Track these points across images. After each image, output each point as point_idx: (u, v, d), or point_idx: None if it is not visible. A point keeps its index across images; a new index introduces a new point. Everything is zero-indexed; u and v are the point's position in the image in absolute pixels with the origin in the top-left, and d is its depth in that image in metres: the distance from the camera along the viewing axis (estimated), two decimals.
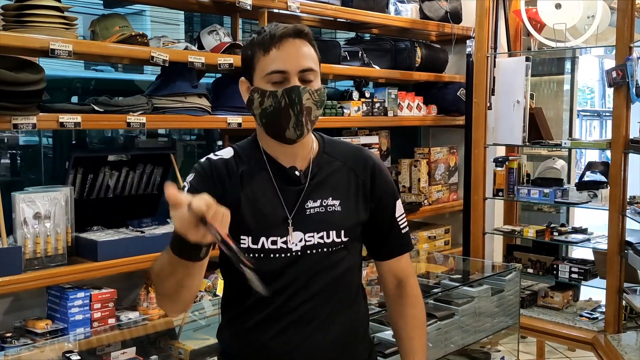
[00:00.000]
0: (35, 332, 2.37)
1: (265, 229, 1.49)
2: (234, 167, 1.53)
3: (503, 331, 2.85)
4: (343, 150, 1.62)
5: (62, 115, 2.34)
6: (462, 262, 3.56)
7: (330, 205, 1.52)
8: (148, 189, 2.93)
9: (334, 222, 1.52)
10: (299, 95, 1.43)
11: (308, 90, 1.44)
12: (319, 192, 1.53)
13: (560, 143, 3.61)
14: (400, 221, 1.63)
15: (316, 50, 1.50)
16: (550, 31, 3.53)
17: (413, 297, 1.66)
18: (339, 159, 1.58)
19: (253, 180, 1.52)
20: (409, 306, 1.65)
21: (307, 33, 1.47)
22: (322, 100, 1.48)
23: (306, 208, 1.51)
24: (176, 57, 2.65)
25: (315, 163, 1.55)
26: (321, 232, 1.50)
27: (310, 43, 1.48)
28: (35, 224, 2.39)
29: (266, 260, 1.48)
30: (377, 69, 3.66)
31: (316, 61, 1.49)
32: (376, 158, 1.64)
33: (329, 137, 1.64)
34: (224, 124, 2.87)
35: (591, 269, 3.45)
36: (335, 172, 1.57)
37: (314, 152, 1.56)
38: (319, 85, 1.48)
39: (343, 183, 1.56)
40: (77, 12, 2.47)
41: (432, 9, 3.96)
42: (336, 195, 1.54)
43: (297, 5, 3.10)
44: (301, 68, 1.44)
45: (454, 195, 4.22)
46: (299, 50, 1.44)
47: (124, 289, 2.79)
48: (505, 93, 3.63)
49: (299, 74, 1.44)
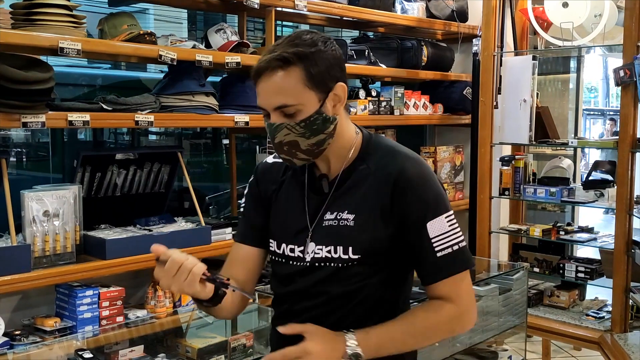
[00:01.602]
0: (44, 330, 2.38)
1: (287, 237, 1.52)
2: (280, 172, 1.57)
3: (510, 330, 2.85)
4: (380, 154, 1.48)
5: (71, 114, 2.35)
6: None
7: (343, 219, 1.46)
8: (155, 188, 2.93)
9: (344, 237, 1.45)
10: (273, 134, 1.40)
11: (286, 125, 1.38)
12: (338, 204, 1.47)
13: (567, 142, 3.61)
14: (437, 244, 1.42)
15: (309, 72, 1.36)
16: (557, 30, 3.52)
17: (446, 308, 1.44)
18: (370, 166, 1.47)
19: (290, 187, 1.55)
20: (432, 306, 1.46)
21: (284, 62, 1.34)
22: (312, 129, 1.39)
23: (324, 220, 1.48)
24: (184, 56, 2.66)
25: (345, 171, 1.48)
26: (329, 246, 1.45)
27: (292, 69, 1.35)
28: (44, 222, 2.39)
29: (284, 265, 1.53)
30: (384, 68, 3.66)
31: (297, 90, 1.36)
32: (409, 168, 1.44)
33: (376, 137, 1.53)
34: (232, 122, 2.87)
35: (598, 268, 3.45)
36: (360, 182, 1.47)
37: (351, 158, 1.49)
38: (307, 114, 1.37)
39: (364, 195, 1.45)
40: (83, 11, 2.47)
41: (438, 8, 3.96)
42: (352, 208, 1.46)
43: (304, 4, 3.10)
44: (273, 106, 1.38)
45: (459, 194, 4.22)
46: (272, 86, 1.36)
47: (131, 287, 2.79)
48: (512, 92, 3.63)
49: (274, 110, 1.38)
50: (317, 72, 1.37)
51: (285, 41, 1.39)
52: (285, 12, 3.28)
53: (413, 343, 1.48)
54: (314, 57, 1.37)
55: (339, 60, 1.43)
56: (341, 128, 1.46)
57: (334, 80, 1.41)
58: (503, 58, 3.70)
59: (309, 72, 1.36)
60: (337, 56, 1.42)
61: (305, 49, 1.37)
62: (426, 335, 1.47)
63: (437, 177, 1.51)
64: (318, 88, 1.38)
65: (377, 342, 1.40)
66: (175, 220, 2.84)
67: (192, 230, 2.72)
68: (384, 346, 1.41)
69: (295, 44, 1.37)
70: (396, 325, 1.43)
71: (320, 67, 1.38)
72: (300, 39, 1.39)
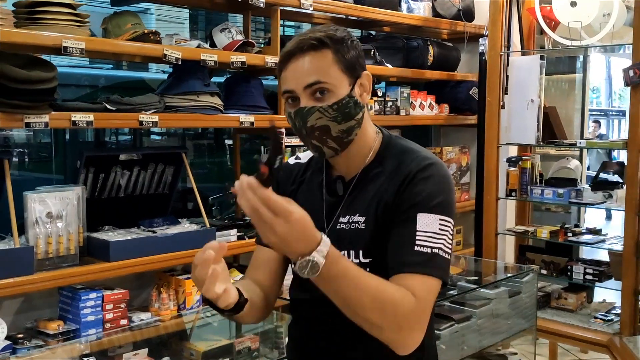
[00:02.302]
0: (47, 333, 2.34)
1: None
2: (300, 172, 1.55)
3: (519, 333, 2.82)
4: (396, 154, 1.44)
5: (74, 114, 2.31)
6: (475, 263, 3.52)
7: (354, 222, 1.41)
8: (159, 189, 2.89)
9: (354, 242, 1.40)
10: (304, 118, 1.36)
11: (318, 109, 1.36)
12: (352, 207, 1.44)
13: (575, 143, 3.57)
14: (420, 238, 1.32)
15: (341, 55, 1.37)
16: (565, 29, 3.49)
17: (408, 298, 1.26)
18: (386, 166, 1.43)
19: (309, 188, 1.52)
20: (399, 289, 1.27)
21: (318, 42, 1.35)
22: (344, 113, 1.37)
23: (338, 222, 1.44)
24: (189, 55, 2.62)
25: (362, 173, 1.45)
26: (342, 250, 1.37)
27: (325, 51, 1.36)
28: (47, 224, 2.35)
29: None
30: (389, 67, 3.62)
31: (331, 71, 1.36)
32: (421, 166, 1.38)
33: (395, 139, 1.48)
34: (237, 122, 2.83)
35: (606, 270, 3.41)
36: (373, 183, 1.43)
37: (370, 159, 1.45)
38: (339, 96, 1.36)
39: (373, 196, 1.41)
40: (86, 11, 2.43)
41: (444, 7, 3.92)
42: (363, 211, 1.42)
43: (310, 3, 3.06)
44: (305, 84, 1.35)
45: (465, 195, 4.18)
46: (306, 65, 1.35)
47: (135, 289, 2.76)
48: (519, 92, 3.59)
49: (305, 91, 1.36)
50: (349, 57, 1.38)
51: (313, 30, 1.40)
52: (291, 11, 3.24)
53: (358, 301, 1.24)
54: (346, 42, 1.39)
55: (363, 52, 1.45)
56: (365, 123, 1.44)
57: (362, 68, 1.42)
58: (510, 58, 3.67)
59: (342, 55, 1.37)
60: (361, 48, 1.45)
61: (337, 34, 1.39)
62: (373, 304, 1.24)
63: (452, 186, 1.41)
64: (349, 72, 1.38)
65: (338, 273, 1.22)
66: (179, 221, 2.80)
67: (196, 232, 2.69)
68: (339, 282, 1.23)
69: (325, 31, 1.39)
70: (363, 276, 1.25)
71: (351, 53, 1.39)
72: (328, 28, 1.41)
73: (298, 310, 1.54)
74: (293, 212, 1.14)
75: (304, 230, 1.17)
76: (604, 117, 14.03)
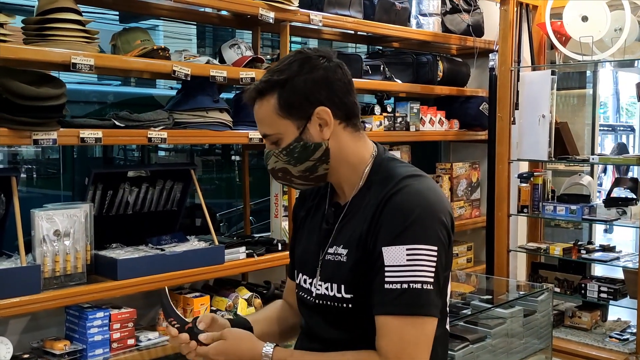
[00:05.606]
0: (53, 354, 2.30)
1: (301, 267, 1.50)
2: (310, 197, 1.55)
3: (534, 354, 2.76)
4: (381, 180, 1.37)
5: (83, 131, 2.29)
6: (487, 281, 3.46)
7: (338, 254, 1.38)
8: (167, 206, 2.86)
9: (336, 275, 1.37)
10: (266, 161, 1.44)
11: (273, 153, 1.39)
12: (339, 237, 1.40)
13: (587, 158, 3.52)
14: (389, 274, 1.25)
15: (283, 101, 1.33)
16: (576, 44, 3.46)
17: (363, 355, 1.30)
18: (372, 193, 1.36)
19: (314, 214, 1.52)
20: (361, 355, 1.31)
21: (258, 93, 1.36)
22: (294, 157, 1.36)
23: (327, 253, 1.42)
24: (198, 71, 2.60)
25: (352, 200, 1.41)
26: (327, 283, 1.39)
27: (268, 97, 1.34)
28: (54, 242, 2.32)
29: (298, 295, 1.52)
30: (399, 83, 3.60)
31: (274, 120, 1.34)
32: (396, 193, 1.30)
33: (386, 161, 1.42)
34: (246, 139, 2.81)
35: (621, 288, 3.35)
36: (360, 212, 1.36)
37: (361, 185, 1.41)
38: (287, 142, 1.35)
39: (354, 226, 1.36)
40: (95, 27, 2.42)
41: (454, 22, 3.90)
42: (346, 242, 1.37)
43: (319, 19, 3.05)
44: (261, 135, 1.42)
45: (476, 212, 4.13)
46: (256, 115, 1.40)
47: (143, 307, 2.72)
48: (530, 107, 3.56)
49: (264, 139, 1.42)
50: (295, 99, 1.33)
51: (272, 67, 1.41)
52: (300, 27, 3.23)
53: None
54: (287, 85, 1.34)
55: (325, 82, 1.35)
56: (345, 152, 1.39)
57: (315, 104, 1.34)
58: (520, 73, 3.64)
59: (285, 99, 1.34)
60: (321, 78, 1.35)
61: (277, 76, 1.34)
62: None
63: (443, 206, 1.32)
64: (293, 116, 1.35)
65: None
66: (187, 238, 2.77)
67: (205, 250, 2.65)
68: None
69: (271, 72, 1.37)
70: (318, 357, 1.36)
71: (294, 95, 1.34)
72: (280, 64, 1.37)
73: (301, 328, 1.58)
74: (225, 339, 1.37)
75: (239, 345, 1.37)
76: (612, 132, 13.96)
